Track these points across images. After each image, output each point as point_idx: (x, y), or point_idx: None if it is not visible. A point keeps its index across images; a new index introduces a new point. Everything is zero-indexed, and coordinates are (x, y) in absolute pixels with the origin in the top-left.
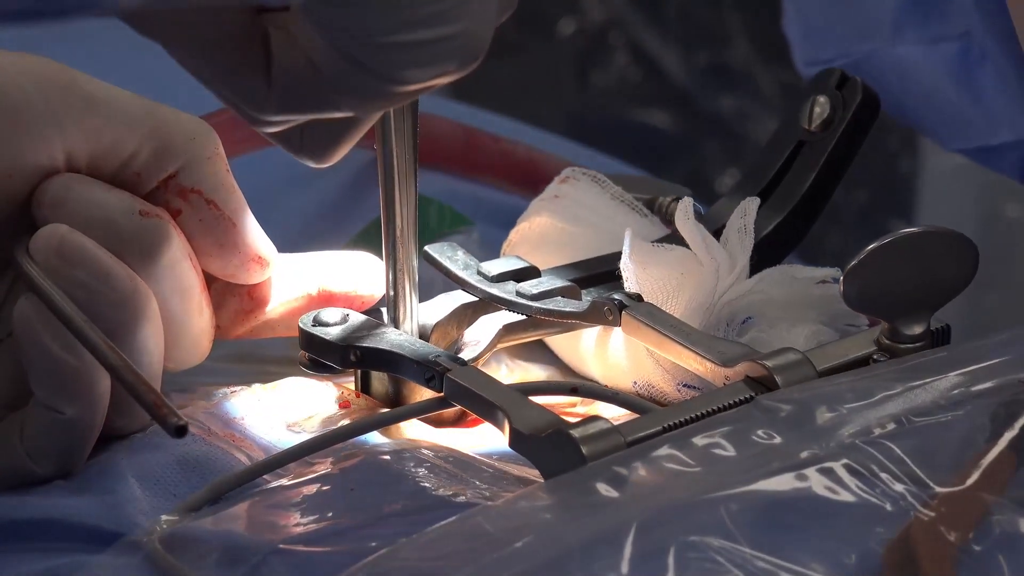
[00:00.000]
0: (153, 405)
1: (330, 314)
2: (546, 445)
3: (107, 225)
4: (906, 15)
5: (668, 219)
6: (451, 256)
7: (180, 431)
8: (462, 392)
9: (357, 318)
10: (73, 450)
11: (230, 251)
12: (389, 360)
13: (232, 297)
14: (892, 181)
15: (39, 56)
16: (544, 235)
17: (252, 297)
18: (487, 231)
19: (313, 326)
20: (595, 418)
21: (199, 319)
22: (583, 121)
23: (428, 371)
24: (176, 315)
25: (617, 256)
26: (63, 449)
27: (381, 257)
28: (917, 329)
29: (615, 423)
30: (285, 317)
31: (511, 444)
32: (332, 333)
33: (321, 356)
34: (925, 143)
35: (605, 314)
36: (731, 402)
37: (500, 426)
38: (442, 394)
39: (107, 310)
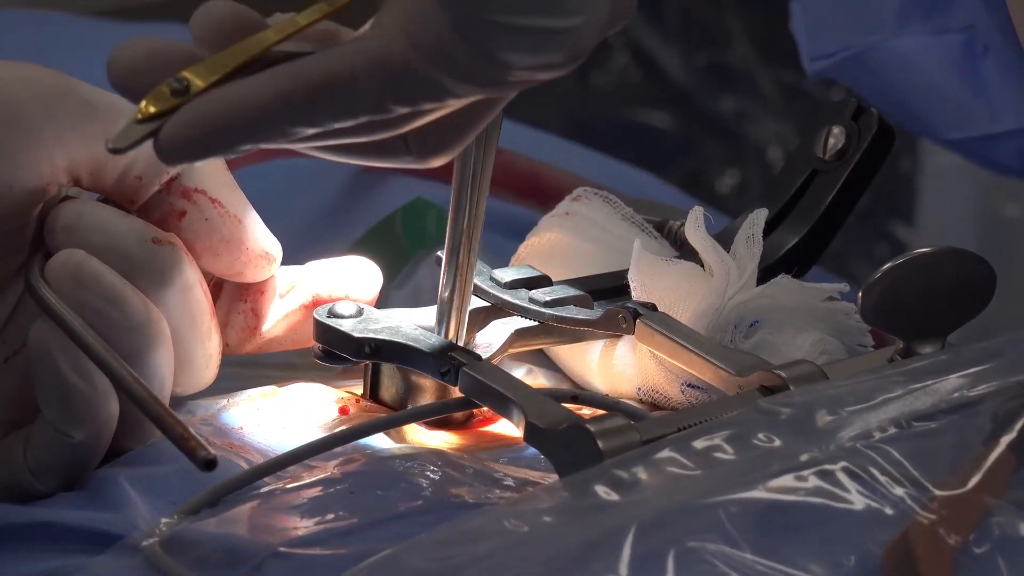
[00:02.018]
0: (181, 438)
1: (345, 306)
2: (562, 439)
3: (120, 252)
4: (910, 8)
5: (677, 242)
6: None
7: (209, 464)
8: (477, 386)
9: (372, 312)
10: (77, 470)
11: (237, 248)
12: (404, 353)
13: (237, 315)
14: (892, 181)
15: (35, 64)
16: (554, 250)
17: (256, 313)
18: (486, 238)
19: (328, 318)
20: (611, 414)
21: (208, 344)
22: (583, 121)
23: (444, 364)
24: (186, 341)
25: (625, 272)
26: (67, 468)
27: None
28: (931, 350)
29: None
30: (288, 332)
31: (526, 438)
32: (347, 325)
33: (335, 348)
34: (925, 143)
35: (619, 322)
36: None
37: (515, 421)
38: (456, 386)
39: (121, 337)
